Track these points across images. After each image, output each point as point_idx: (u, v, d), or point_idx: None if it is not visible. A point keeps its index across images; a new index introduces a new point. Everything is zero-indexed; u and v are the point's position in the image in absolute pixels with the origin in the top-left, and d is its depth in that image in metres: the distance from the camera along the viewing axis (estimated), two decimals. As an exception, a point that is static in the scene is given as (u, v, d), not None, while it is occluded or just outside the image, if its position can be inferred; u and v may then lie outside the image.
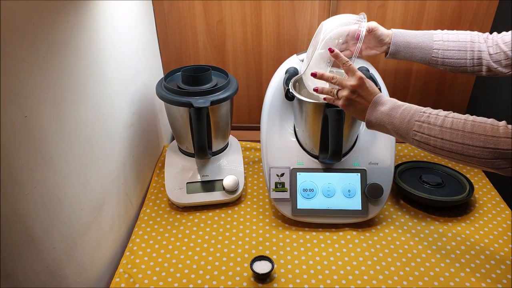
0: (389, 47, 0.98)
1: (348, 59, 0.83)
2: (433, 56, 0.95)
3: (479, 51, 0.92)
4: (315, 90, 0.89)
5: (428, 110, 0.76)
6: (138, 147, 1.10)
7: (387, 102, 0.79)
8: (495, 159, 0.68)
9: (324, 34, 0.94)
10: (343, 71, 0.86)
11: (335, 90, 0.85)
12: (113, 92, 0.94)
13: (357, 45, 0.92)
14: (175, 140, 1.18)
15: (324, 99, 0.88)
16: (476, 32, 0.94)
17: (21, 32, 0.60)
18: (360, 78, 0.80)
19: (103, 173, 0.89)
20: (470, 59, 0.93)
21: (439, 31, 0.97)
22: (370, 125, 0.81)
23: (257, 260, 0.91)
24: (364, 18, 0.96)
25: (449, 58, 0.94)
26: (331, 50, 0.85)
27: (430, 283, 0.89)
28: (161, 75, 1.33)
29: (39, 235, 0.68)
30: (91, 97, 0.83)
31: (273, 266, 0.89)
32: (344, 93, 0.82)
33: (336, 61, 0.86)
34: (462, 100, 1.39)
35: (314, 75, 0.86)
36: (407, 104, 0.78)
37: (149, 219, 1.07)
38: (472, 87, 1.37)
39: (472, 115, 0.73)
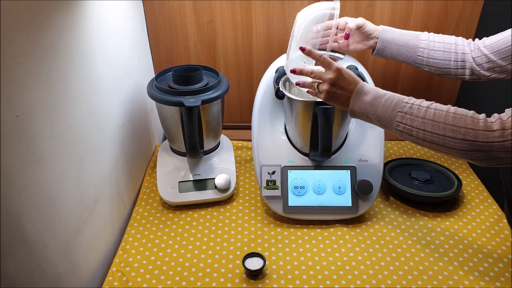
0: (376, 43, 1.00)
1: (322, 53, 0.83)
2: (418, 55, 0.97)
3: (463, 53, 0.94)
4: (297, 84, 0.89)
5: (411, 100, 0.77)
6: (130, 147, 1.11)
7: (370, 92, 0.79)
8: (473, 151, 0.70)
9: (298, 28, 0.95)
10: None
11: (316, 84, 0.85)
12: (104, 92, 0.94)
13: (331, 31, 0.93)
14: (166, 140, 1.19)
15: (307, 92, 0.89)
16: (460, 37, 0.97)
17: (12, 33, 0.60)
18: (337, 70, 0.81)
19: (95, 173, 0.90)
20: (454, 60, 0.95)
21: (425, 32, 0.99)
22: (353, 115, 0.82)
23: (249, 257, 0.92)
24: (337, 9, 0.94)
25: (434, 59, 0.96)
26: (302, 49, 0.84)
27: (419, 277, 0.91)
28: (152, 75, 1.34)
29: (31, 234, 0.68)
30: (82, 97, 0.83)
31: (264, 262, 0.90)
32: (324, 86, 0.83)
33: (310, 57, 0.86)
34: (450, 96, 1.41)
35: (293, 71, 0.87)
36: (390, 93, 0.79)
37: (142, 218, 1.07)
38: (459, 89, 1.40)
39: (463, 108, 0.74)
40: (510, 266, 0.93)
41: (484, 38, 0.93)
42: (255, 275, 0.91)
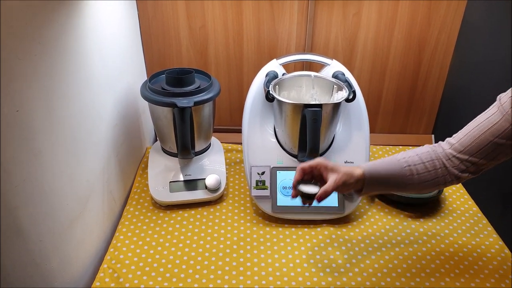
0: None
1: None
2: (404, 166, 0.82)
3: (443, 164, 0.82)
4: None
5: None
6: (122, 146, 1.13)
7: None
8: None
9: None
10: (323, 75, 0.91)
11: None
12: (99, 92, 0.96)
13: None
14: (158, 141, 1.21)
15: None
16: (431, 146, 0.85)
17: (15, 31, 0.62)
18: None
19: (88, 170, 0.92)
20: (439, 167, 0.82)
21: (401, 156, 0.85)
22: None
23: (303, 183, 0.85)
24: None
25: (418, 164, 0.82)
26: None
27: (403, 275, 0.94)
28: (145, 78, 1.36)
29: (27, 227, 0.70)
30: (78, 95, 0.85)
31: (319, 186, 0.83)
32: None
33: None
34: (433, 102, 1.46)
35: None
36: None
37: (133, 217, 1.09)
38: (441, 96, 1.45)
39: (444, 116, 0.76)
40: (490, 263, 0.97)
41: (448, 143, 0.82)
42: (310, 198, 0.83)
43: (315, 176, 0.85)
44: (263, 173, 1.08)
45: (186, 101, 1.01)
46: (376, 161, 0.85)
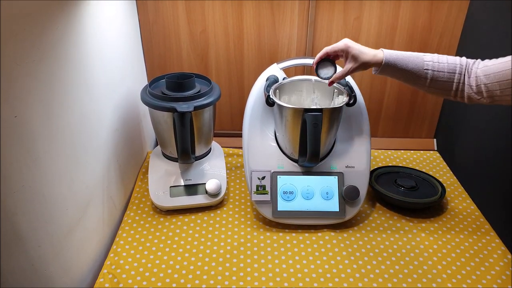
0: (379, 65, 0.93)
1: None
2: (425, 69, 0.89)
3: (463, 76, 0.88)
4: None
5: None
6: (123, 151, 1.13)
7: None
8: None
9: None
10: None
11: None
12: (99, 97, 0.96)
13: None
14: (158, 146, 1.21)
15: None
16: (463, 59, 0.89)
17: (13, 37, 0.63)
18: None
19: (88, 175, 0.91)
20: (457, 82, 0.88)
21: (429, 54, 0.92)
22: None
23: (323, 64, 1.01)
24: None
25: (440, 72, 0.89)
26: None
27: (404, 280, 0.93)
28: (145, 82, 1.37)
29: (25, 233, 0.70)
30: (78, 100, 0.86)
31: (335, 70, 1.00)
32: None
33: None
34: (435, 106, 1.45)
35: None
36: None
37: (133, 222, 1.09)
38: (442, 100, 1.44)
39: (446, 120, 0.78)
40: (492, 269, 0.96)
41: (486, 63, 0.86)
42: (327, 78, 1.01)
43: (338, 57, 0.98)
44: (263, 177, 1.07)
45: (186, 105, 1.01)
46: (400, 53, 0.92)
